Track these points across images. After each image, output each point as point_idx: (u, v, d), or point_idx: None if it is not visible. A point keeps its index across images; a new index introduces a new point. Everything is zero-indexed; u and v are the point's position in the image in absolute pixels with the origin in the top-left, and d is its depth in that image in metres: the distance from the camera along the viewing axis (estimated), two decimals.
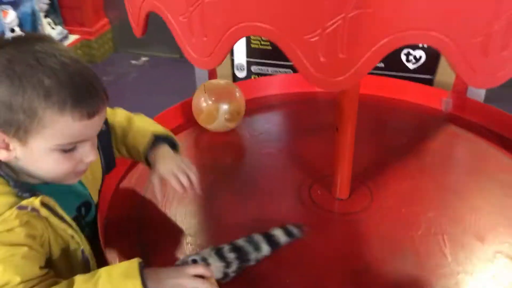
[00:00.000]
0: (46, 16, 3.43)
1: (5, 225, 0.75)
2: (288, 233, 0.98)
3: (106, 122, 1.00)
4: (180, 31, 0.69)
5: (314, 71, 0.64)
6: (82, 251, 0.87)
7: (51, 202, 0.81)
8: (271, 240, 0.96)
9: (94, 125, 0.81)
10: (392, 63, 1.56)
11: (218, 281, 0.85)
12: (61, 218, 0.83)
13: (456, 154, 1.35)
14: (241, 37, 0.65)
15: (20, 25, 3.31)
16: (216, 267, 0.88)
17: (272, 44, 1.65)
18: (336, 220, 1.08)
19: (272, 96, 1.55)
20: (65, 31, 3.58)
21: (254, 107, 1.47)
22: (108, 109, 1.01)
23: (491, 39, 0.60)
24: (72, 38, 3.57)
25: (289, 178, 1.20)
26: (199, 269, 0.83)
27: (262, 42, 1.67)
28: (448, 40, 0.61)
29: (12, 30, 3.26)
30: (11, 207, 0.77)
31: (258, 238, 0.95)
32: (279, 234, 0.97)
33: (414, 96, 1.51)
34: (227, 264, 0.89)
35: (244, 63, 1.69)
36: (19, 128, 0.76)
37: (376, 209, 1.09)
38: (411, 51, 1.54)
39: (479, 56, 0.62)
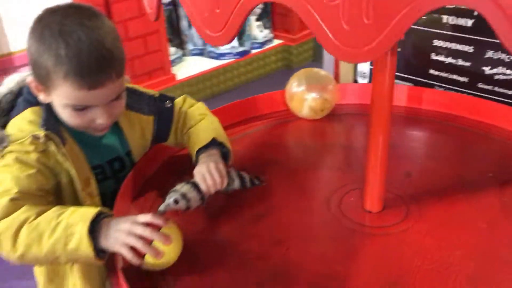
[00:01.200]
0: (257, 20, 3.73)
1: (23, 147, 0.91)
2: (253, 182, 1.08)
3: (172, 104, 1.13)
4: (192, 4, 0.68)
5: (336, 40, 0.57)
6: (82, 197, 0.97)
7: (56, 139, 0.93)
8: (241, 179, 1.06)
9: (98, 95, 0.91)
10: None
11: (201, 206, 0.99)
12: (65, 157, 0.93)
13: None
14: (254, 6, 0.61)
15: None
16: (195, 198, 0.97)
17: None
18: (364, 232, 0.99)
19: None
20: (271, 35, 3.86)
21: (344, 109, 1.43)
22: (183, 99, 1.17)
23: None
24: (276, 42, 3.85)
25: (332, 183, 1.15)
26: (147, 217, 0.84)
27: None
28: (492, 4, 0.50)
29: None
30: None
31: (233, 174, 1.06)
32: (247, 178, 1.07)
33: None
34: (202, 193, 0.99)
35: (367, 71, 1.60)
36: (43, 81, 0.92)
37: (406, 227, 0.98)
38: None
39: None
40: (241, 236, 0.99)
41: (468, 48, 1.40)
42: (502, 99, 1.38)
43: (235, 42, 3.65)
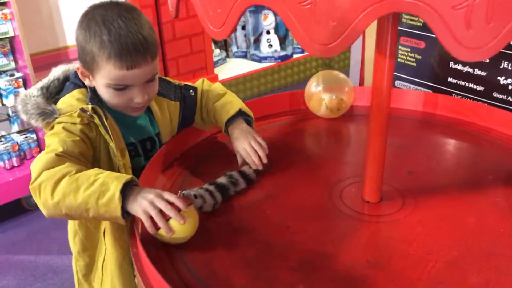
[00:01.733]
0: None
1: (70, 119, 1.07)
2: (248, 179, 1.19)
3: (195, 93, 1.30)
4: (201, 5, 0.80)
5: (308, 39, 0.67)
6: (118, 167, 1.12)
7: (101, 114, 1.08)
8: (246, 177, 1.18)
9: (135, 75, 1.07)
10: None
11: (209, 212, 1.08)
12: (106, 130, 1.09)
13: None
14: (246, 8, 0.71)
15: (276, 28, 3.80)
16: (209, 203, 1.08)
17: (416, 60, 1.60)
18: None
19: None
20: None
21: (360, 110, 1.53)
22: (202, 81, 1.35)
23: (473, 11, 0.56)
24: None
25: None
26: (172, 197, 0.96)
27: (408, 58, 1.63)
28: (432, 10, 0.59)
29: (268, 32, 3.78)
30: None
31: (236, 175, 1.17)
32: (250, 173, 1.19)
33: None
34: (216, 201, 1.10)
35: None
36: (89, 66, 1.08)
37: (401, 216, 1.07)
38: None
39: (462, 27, 0.58)
40: (248, 214, 1.11)
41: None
42: None
43: (277, 46, 3.77)
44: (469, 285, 0.89)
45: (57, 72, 1.19)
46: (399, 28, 1.63)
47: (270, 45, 3.77)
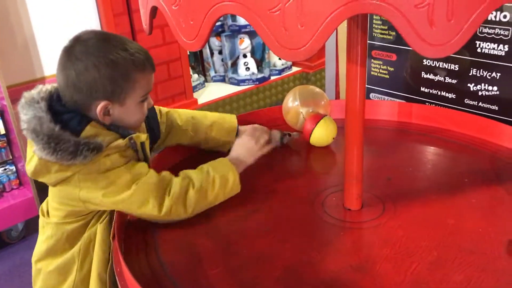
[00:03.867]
0: None
1: (119, 148, 1.08)
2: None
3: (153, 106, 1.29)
4: (173, 17, 0.82)
5: (278, 44, 0.68)
6: None
7: (147, 141, 1.17)
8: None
9: (152, 78, 1.16)
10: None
11: None
12: (145, 155, 1.17)
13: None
14: (217, 17, 0.74)
15: (252, 51, 3.85)
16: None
17: (389, 72, 1.64)
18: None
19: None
20: (290, 63, 4.02)
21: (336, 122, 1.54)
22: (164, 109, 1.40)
23: (434, 9, 0.59)
24: (294, 69, 4.01)
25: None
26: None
27: (381, 71, 1.67)
28: (395, 10, 0.61)
29: (245, 56, 3.83)
30: (115, 138, 1.09)
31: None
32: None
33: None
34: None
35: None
36: (121, 92, 1.08)
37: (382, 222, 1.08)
38: None
39: (426, 25, 0.60)
40: (231, 226, 1.12)
41: (454, 67, 1.51)
42: (487, 114, 1.48)
43: (254, 69, 3.82)
44: (452, 284, 0.90)
45: (38, 104, 1.06)
46: (371, 42, 1.68)
47: (248, 68, 3.82)
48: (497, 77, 1.42)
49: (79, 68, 1.04)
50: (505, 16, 1.35)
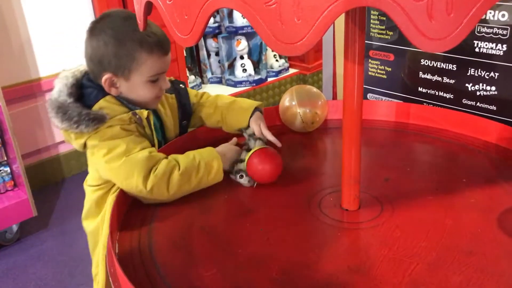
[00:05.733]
0: None
1: (122, 121, 1.20)
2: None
3: (184, 86, 1.45)
4: (167, 13, 0.80)
5: (274, 38, 0.67)
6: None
7: (151, 117, 1.25)
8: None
9: (167, 61, 1.25)
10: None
11: None
12: (151, 131, 1.25)
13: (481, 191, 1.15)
14: (212, 12, 0.72)
15: (249, 53, 3.84)
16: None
17: (386, 73, 1.63)
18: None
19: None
20: (287, 65, 4.01)
21: (334, 123, 1.57)
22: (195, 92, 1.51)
23: (434, 2, 0.57)
24: (291, 71, 4.01)
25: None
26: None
27: (378, 71, 1.66)
28: (394, 4, 0.59)
29: (242, 57, 3.82)
30: (125, 112, 1.22)
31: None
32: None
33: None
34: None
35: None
36: (124, 69, 1.20)
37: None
38: None
39: (425, 19, 0.59)
40: (226, 227, 1.10)
41: (452, 66, 1.50)
42: (485, 114, 1.47)
43: (251, 71, 3.81)
44: (451, 285, 0.88)
45: (66, 79, 1.23)
46: (368, 42, 1.67)
47: (245, 70, 3.81)
48: (495, 77, 1.41)
49: (94, 43, 1.20)
50: (503, 16, 1.35)
